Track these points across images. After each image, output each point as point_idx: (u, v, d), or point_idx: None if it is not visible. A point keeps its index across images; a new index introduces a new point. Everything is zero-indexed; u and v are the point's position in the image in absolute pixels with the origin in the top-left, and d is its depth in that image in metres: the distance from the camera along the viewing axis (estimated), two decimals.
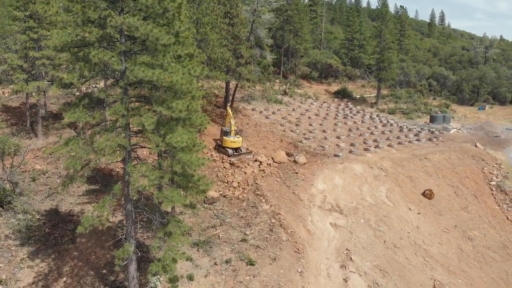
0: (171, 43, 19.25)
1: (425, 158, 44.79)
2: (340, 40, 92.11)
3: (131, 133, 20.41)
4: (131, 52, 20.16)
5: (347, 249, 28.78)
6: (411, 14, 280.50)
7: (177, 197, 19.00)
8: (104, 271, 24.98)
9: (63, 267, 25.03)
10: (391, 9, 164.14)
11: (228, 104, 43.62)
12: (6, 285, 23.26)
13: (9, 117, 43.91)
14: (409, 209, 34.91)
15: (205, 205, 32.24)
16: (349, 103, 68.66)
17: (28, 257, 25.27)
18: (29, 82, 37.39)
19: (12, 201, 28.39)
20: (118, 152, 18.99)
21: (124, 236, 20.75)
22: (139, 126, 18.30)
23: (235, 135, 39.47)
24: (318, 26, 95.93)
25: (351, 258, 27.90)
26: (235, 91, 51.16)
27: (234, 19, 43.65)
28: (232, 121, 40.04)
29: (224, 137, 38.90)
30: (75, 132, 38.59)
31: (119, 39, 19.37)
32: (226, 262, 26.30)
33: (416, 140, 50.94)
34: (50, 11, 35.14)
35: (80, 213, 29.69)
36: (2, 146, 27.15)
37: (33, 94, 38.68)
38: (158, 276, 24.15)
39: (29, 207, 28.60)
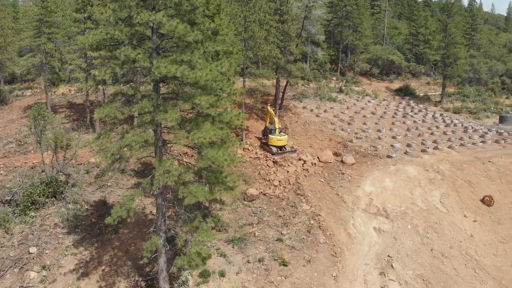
0: (200, 39, 19.32)
1: (489, 161, 41.12)
2: (404, 35, 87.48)
3: (163, 129, 20.84)
4: (163, 50, 20.60)
5: (388, 256, 27.15)
6: (487, 8, 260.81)
7: (201, 193, 19.04)
8: (141, 262, 25.74)
9: (104, 255, 26.25)
10: (465, 2, 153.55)
11: (269, 104, 43.16)
12: (50, 270, 24.85)
13: (72, 113, 47.21)
14: (464, 216, 32.18)
15: (245, 202, 32.16)
16: (411, 101, 65.00)
17: (73, 244, 26.83)
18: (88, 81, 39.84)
19: (64, 192, 30.31)
20: (146, 147, 19.45)
21: (153, 229, 21.24)
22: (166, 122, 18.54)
23: (280, 133, 38.98)
24: (382, 21, 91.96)
25: (392, 266, 26.29)
26: (285, 89, 50.55)
27: (284, 15, 43.06)
28: (276, 119, 39.61)
29: (269, 135, 38.59)
30: (130, 127, 40.71)
31: (151, 37, 19.84)
32: (259, 260, 26.00)
33: (481, 142, 46.95)
34: (106, 13, 36.98)
35: None
36: (55, 139, 29.07)
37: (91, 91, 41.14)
38: (190, 271, 24.45)
39: (79, 197, 30.34)
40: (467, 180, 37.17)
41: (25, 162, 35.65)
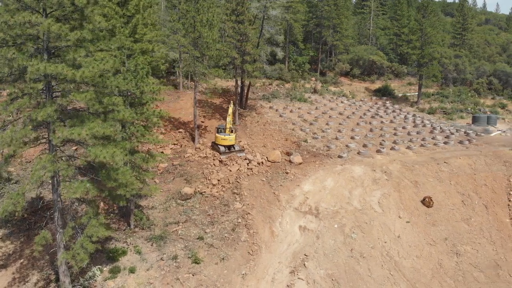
0: (85, 38, 19.83)
1: (445, 162, 40.48)
2: (388, 35, 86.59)
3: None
4: (58, 49, 21.17)
5: (305, 255, 27.14)
6: (491, 8, 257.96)
7: (81, 189, 19.54)
8: None
9: (26, 249, 26.99)
10: (469, 2, 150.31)
11: (232, 102, 43.49)
12: None
13: None
14: (399, 217, 31.87)
15: (179, 201, 32.49)
16: (388, 102, 64.45)
17: (0, 238, 27.73)
18: None
19: (3, 188, 31.29)
20: (31, 144, 20.08)
21: (43, 224, 21.83)
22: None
23: (231, 132, 39.23)
24: (368, 21, 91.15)
25: (304, 264, 26.27)
26: (248, 88, 50.77)
27: (240, 16, 43.29)
28: (228, 118, 39.89)
29: (216, 134, 38.90)
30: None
31: (42, 38, 20.43)
32: (173, 258, 26.32)
33: (443, 143, 46.27)
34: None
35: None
36: None
37: None
38: (100, 266, 24.99)
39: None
40: (414, 180, 36.73)
41: None
